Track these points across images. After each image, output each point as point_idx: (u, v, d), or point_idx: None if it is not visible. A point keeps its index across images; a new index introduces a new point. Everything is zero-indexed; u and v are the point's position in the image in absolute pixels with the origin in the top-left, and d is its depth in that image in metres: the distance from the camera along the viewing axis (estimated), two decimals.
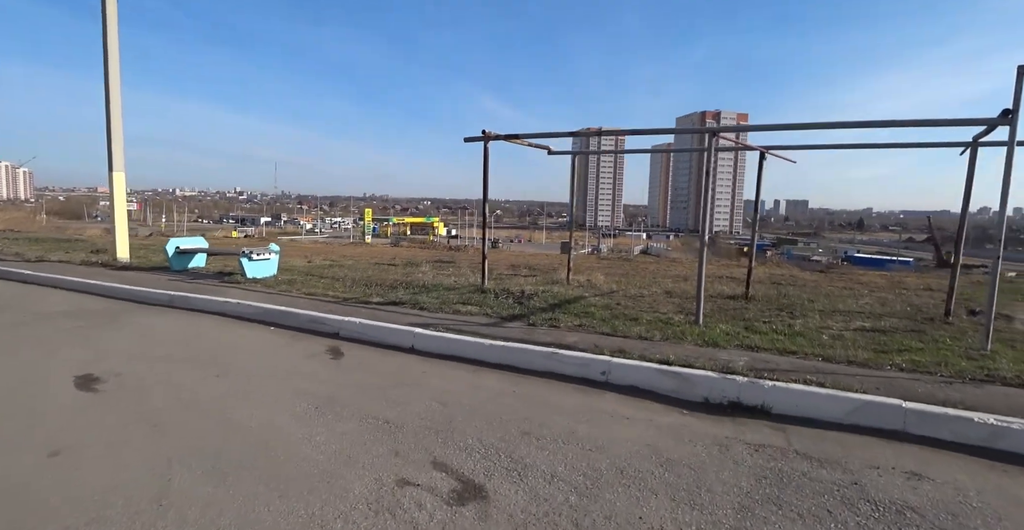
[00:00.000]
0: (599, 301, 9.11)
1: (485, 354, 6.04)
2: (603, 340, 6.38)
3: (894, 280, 18.23)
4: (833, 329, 7.49)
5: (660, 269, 18.61)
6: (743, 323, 7.61)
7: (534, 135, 9.23)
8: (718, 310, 8.79)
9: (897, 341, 6.71)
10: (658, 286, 11.71)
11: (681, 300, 9.73)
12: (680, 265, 21.04)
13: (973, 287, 16.42)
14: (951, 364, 5.49)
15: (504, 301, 8.73)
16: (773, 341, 6.41)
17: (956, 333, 7.37)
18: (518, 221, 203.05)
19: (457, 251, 25.62)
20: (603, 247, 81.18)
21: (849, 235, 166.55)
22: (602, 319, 7.59)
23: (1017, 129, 5.88)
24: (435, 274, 13.39)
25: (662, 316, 7.99)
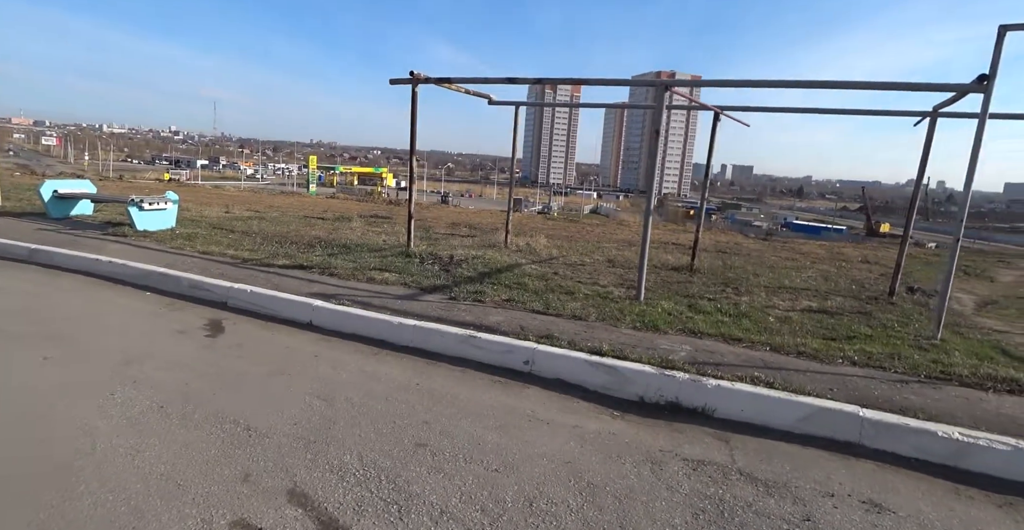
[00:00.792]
0: (535, 270, 8.33)
1: (392, 334, 5.17)
2: (532, 320, 5.61)
3: (833, 251, 18.34)
4: (779, 309, 7.01)
5: (606, 232, 18.03)
6: (687, 300, 7.02)
7: (470, 80, 8.12)
8: (661, 283, 8.19)
9: (846, 325, 6.27)
10: (601, 253, 11.04)
11: (623, 270, 9.08)
12: (627, 228, 20.56)
13: (908, 261, 16.70)
14: (905, 357, 5.03)
15: (429, 268, 7.81)
16: (718, 324, 5.81)
17: (902, 316, 7.03)
18: (470, 175, 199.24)
19: (398, 206, 24.22)
20: (554, 205, 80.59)
21: (789, 202, 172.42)
22: (535, 292, 6.82)
23: (992, 96, 5.30)
24: (364, 231, 12.27)
25: (601, 290, 7.30)
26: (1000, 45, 5.21)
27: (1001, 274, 15.31)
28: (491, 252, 9.60)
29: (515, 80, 7.37)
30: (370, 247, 9.64)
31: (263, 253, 8.39)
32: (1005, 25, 5.16)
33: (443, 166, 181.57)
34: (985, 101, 5.33)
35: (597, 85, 6.74)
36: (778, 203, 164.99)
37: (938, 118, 7.65)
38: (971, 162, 5.47)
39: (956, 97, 5.93)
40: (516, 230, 15.04)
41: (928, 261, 17.03)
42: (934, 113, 7.60)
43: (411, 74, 8.11)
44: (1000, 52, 5.22)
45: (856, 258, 15.94)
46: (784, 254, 15.60)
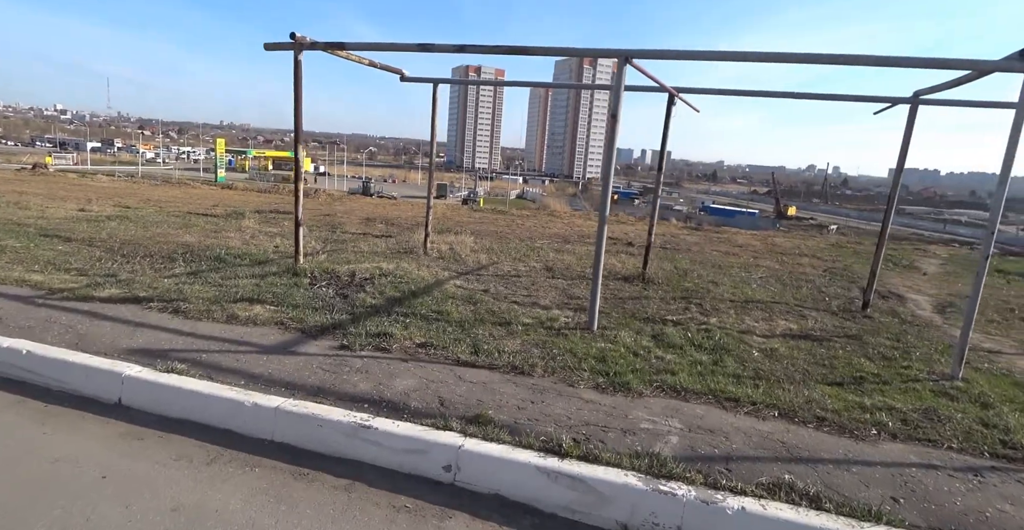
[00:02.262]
0: (462, 288, 6.71)
1: (245, 423, 3.41)
2: (456, 383, 4.00)
3: (768, 242, 17.87)
4: (757, 334, 5.80)
5: (538, 226, 16.62)
6: (649, 328, 5.65)
7: (373, 46, 6.30)
8: (613, 300, 6.81)
9: (843, 359, 5.12)
10: (537, 257, 9.56)
11: (566, 282, 7.64)
12: (559, 220, 19.27)
13: (836, 252, 16.48)
14: (945, 418, 3.87)
15: (321, 293, 5.99)
16: (701, 373, 4.46)
17: (893, 338, 6.01)
18: (393, 160, 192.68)
19: (306, 196, 21.59)
20: (480, 191, 78.71)
21: (705, 186, 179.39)
22: (461, 325, 5.21)
23: None
24: (254, 234, 10.14)
25: (545, 315, 5.81)
26: None
27: (925, 263, 15.26)
28: (407, 262, 7.86)
29: (430, 47, 5.64)
30: (253, 259, 7.64)
31: (92, 276, 6.23)
32: None
33: (364, 150, 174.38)
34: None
35: (531, 55, 5.18)
36: (695, 187, 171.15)
37: (918, 106, 6.67)
38: (1007, 155, 4.35)
39: (974, 76, 4.83)
40: (439, 226, 13.31)
41: (856, 252, 16.82)
42: (915, 99, 6.61)
43: (292, 37, 6.18)
44: None
45: (792, 250, 15.46)
46: (723, 248, 14.84)
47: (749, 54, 4.85)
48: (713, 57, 4.93)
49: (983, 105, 6.34)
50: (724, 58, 4.93)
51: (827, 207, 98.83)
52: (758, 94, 7.42)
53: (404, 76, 8.17)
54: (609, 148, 5.12)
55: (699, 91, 7.35)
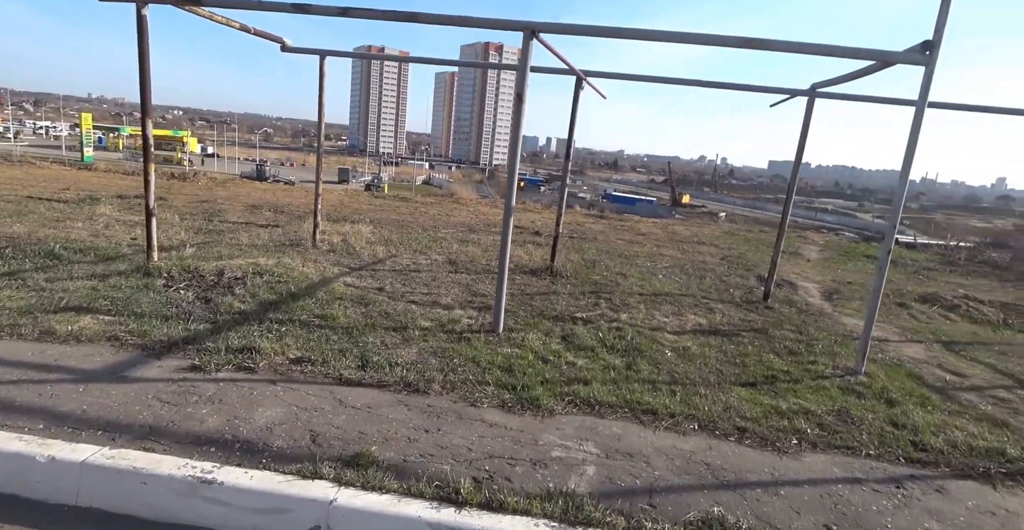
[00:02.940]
0: (353, 287, 5.96)
1: (36, 486, 2.56)
2: (334, 410, 3.34)
3: (668, 230, 18.34)
4: (668, 331, 5.58)
5: (442, 214, 15.91)
6: (559, 327, 5.25)
7: (237, 3, 5.30)
8: (520, 296, 6.36)
9: (753, 356, 4.99)
10: (440, 248, 8.92)
11: (470, 277, 7.08)
12: (464, 208, 18.64)
13: (730, 239, 17.22)
14: (857, 420, 3.76)
15: (177, 297, 5.02)
16: (615, 379, 4.09)
17: (796, 331, 6.04)
18: (291, 142, 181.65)
19: (184, 180, 19.34)
20: (384, 176, 75.99)
21: (607, 174, 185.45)
22: (348, 332, 4.51)
23: (935, 67, 4.15)
24: (108, 222, 8.67)
25: (445, 316, 5.23)
26: (947, 9, 4.03)
27: (807, 250, 16.27)
28: (291, 257, 6.94)
29: (307, 7, 4.80)
30: (99, 255, 6.40)
31: None
32: None
33: (259, 131, 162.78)
34: (927, 75, 4.16)
35: (424, 22, 4.51)
36: (597, 175, 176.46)
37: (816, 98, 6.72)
38: (908, 149, 4.32)
39: (876, 67, 4.77)
40: (336, 214, 12.26)
41: (747, 239, 17.65)
42: (812, 92, 6.65)
43: None
44: (947, 14, 4.05)
45: (691, 238, 15.91)
46: (627, 236, 14.96)
47: (659, 33, 4.49)
48: (624, 35, 4.53)
49: (881, 100, 6.49)
50: (635, 36, 4.54)
51: (716, 195, 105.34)
52: (664, 80, 7.21)
53: (286, 45, 7.16)
54: (515, 131, 4.60)
55: (606, 75, 7.00)
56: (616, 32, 4.48)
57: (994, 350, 6.47)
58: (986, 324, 8.09)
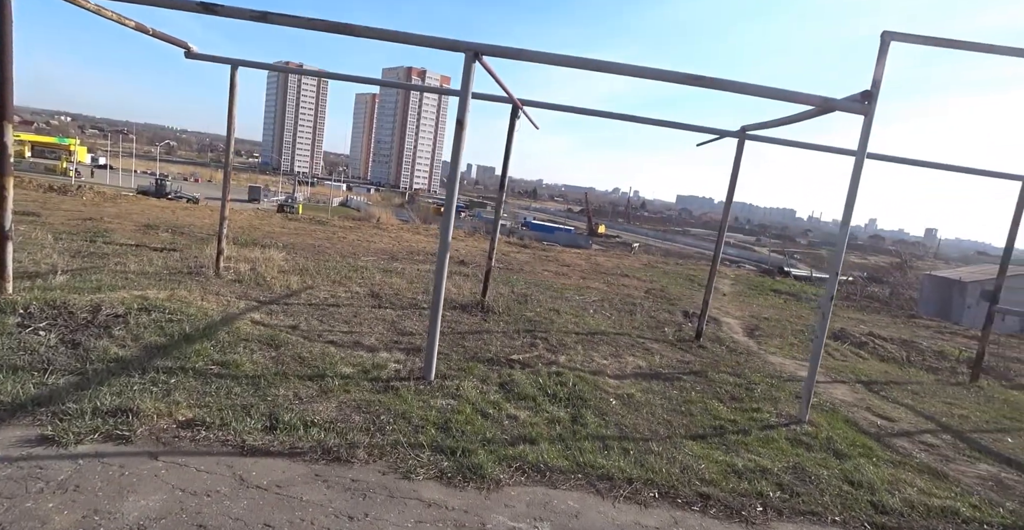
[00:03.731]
0: (262, 325, 5.22)
1: None
2: (232, 493, 2.71)
3: (591, 261, 18.53)
4: (609, 374, 5.30)
5: (363, 239, 15.12)
6: (495, 374, 4.81)
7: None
8: (451, 335, 5.88)
9: (698, 404, 4.79)
10: (361, 278, 8.26)
11: (396, 312, 6.52)
12: (386, 234, 17.92)
13: (648, 270, 17.62)
14: (816, 479, 3.59)
15: (34, 341, 4.09)
16: (563, 437, 3.71)
17: (735, 374, 5.96)
18: (197, 156, 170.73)
19: (65, 194, 17.16)
20: (299, 196, 72.82)
21: (526, 202, 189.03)
22: (254, 385, 3.84)
23: (874, 114, 4.23)
24: None
25: (370, 361, 4.66)
26: (884, 56, 4.13)
27: (721, 284, 16.90)
28: (188, 289, 6.07)
29: (215, 8, 4.20)
30: None
31: None
32: (889, 32, 4.10)
33: (161, 143, 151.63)
34: (867, 124, 4.23)
35: (357, 35, 4.06)
36: (516, 203, 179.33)
37: (745, 140, 6.87)
38: (849, 197, 4.34)
39: (815, 112, 4.83)
40: (245, 238, 11.22)
41: (666, 272, 18.15)
42: (742, 133, 6.80)
43: None
44: (884, 65, 4.14)
45: (614, 270, 16.09)
46: (553, 267, 14.86)
47: (609, 64, 4.31)
48: (572, 63, 4.29)
49: (812, 147, 6.71)
50: (583, 66, 4.31)
51: (630, 226, 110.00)
52: (601, 114, 7.13)
53: (190, 51, 6.42)
54: (455, 159, 4.20)
55: (543, 105, 6.83)
56: (564, 60, 4.24)
57: (907, 390, 6.72)
58: (892, 362, 8.52)
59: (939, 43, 4.00)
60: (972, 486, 3.92)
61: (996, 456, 4.72)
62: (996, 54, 4.01)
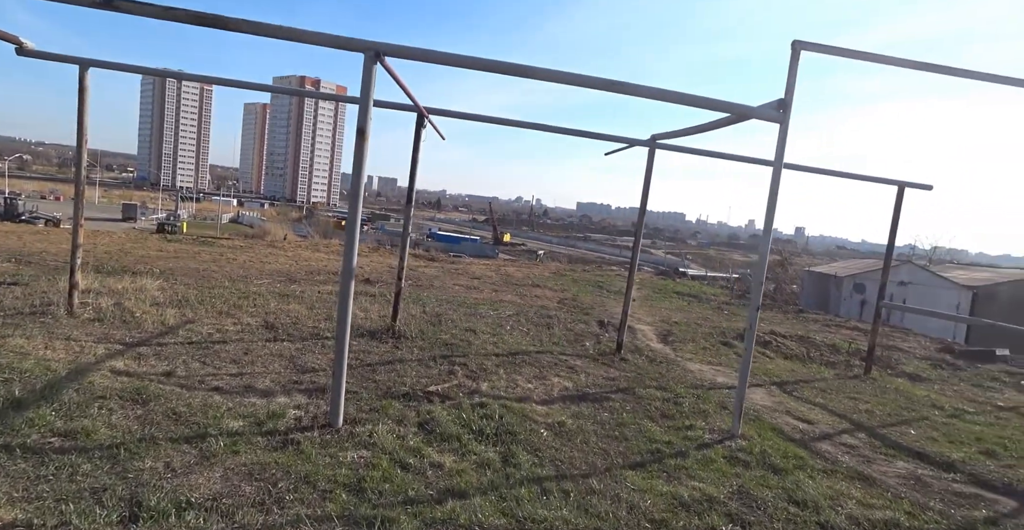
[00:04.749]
0: (126, 376, 4.36)
1: None
2: None
3: (501, 272, 18.28)
4: (536, 400, 4.95)
5: (255, 261, 13.85)
6: (413, 412, 4.30)
7: None
8: (359, 368, 5.29)
9: (632, 428, 4.56)
10: (253, 307, 7.37)
11: (294, 346, 5.79)
12: (282, 253, 16.63)
13: (558, 279, 17.68)
14: (759, 501, 3.41)
15: None
16: (495, 484, 3.29)
17: (656, 385, 5.84)
18: (57, 171, 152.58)
19: None
20: (183, 213, 67.00)
21: (430, 213, 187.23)
22: (111, 458, 3.07)
23: (789, 125, 4.23)
24: None
25: (262, 409, 3.99)
26: (795, 65, 4.13)
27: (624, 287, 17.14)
28: (25, 336, 5.00)
29: None
30: None
31: None
32: (800, 41, 4.11)
33: (11, 157, 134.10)
34: (783, 132, 4.22)
35: (234, 30, 3.45)
36: (421, 214, 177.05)
37: (656, 149, 6.86)
38: (769, 204, 4.31)
39: (730, 120, 4.80)
40: (111, 265, 9.79)
41: (575, 280, 18.28)
42: (653, 143, 6.78)
43: None
44: (795, 74, 4.15)
45: (525, 281, 15.93)
46: (463, 281, 14.44)
47: (526, 68, 4.00)
48: (484, 66, 3.92)
49: (734, 158, 6.78)
50: (494, 69, 3.96)
51: (534, 234, 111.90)
52: (511, 123, 6.85)
53: (24, 48, 5.37)
54: (358, 172, 3.68)
55: (452, 114, 6.42)
56: (476, 63, 3.86)
57: (815, 388, 6.97)
58: (795, 359, 8.91)
59: (845, 54, 4.06)
60: (898, 489, 3.96)
61: (907, 451, 4.88)
62: (894, 66, 4.15)
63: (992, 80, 4.51)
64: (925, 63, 4.16)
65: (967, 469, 4.55)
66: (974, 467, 4.61)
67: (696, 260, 74.46)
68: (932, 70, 4.24)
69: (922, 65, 4.17)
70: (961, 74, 4.34)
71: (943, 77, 4.40)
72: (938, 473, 4.42)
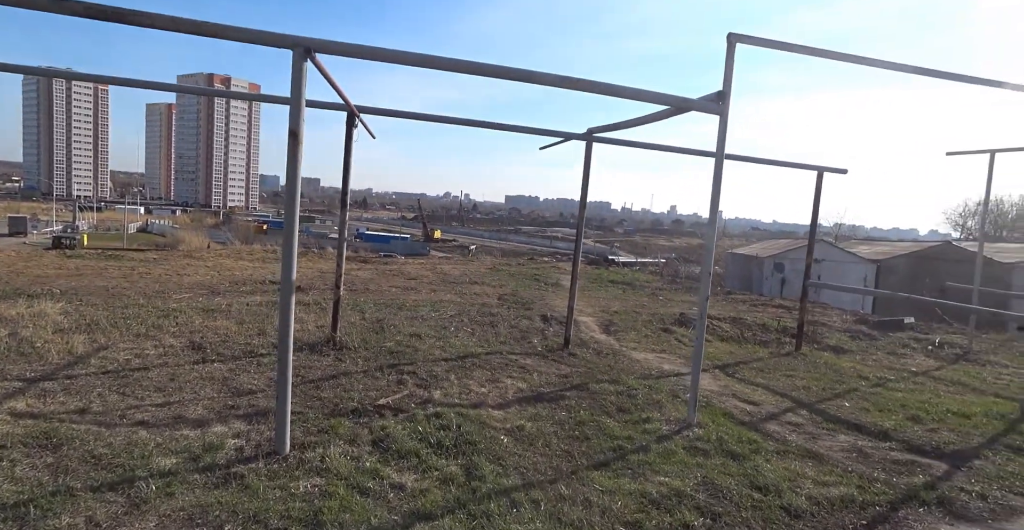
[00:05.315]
0: (29, 418, 3.85)
1: None
2: None
3: (437, 271, 17.99)
4: (493, 407, 4.83)
5: (172, 273, 12.87)
6: (366, 430, 4.07)
7: None
8: (302, 386, 4.96)
9: (592, 426, 4.52)
10: (175, 326, 6.79)
11: (226, 367, 5.36)
12: (201, 263, 15.59)
13: (495, 275, 17.62)
14: (732, 496, 3.46)
15: None
16: (462, 501, 3.14)
17: (608, 379, 5.86)
18: None
19: None
20: (83, 225, 61.62)
21: (357, 212, 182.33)
22: (17, 517, 2.68)
23: (728, 116, 4.30)
24: None
25: (196, 442, 3.64)
26: (732, 58, 4.20)
27: (565, 280, 17.40)
28: None
29: None
30: None
31: None
32: (735, 34, 4.17)
33: None
34: (722, 124, 4.28)
35: (132, 24, 3.05)
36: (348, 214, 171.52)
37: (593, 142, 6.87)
38: (713, 195, 4.37)
39: (670, 112, 4.81)
40: (2, 287, 8.76)
41: (512, 274, 18.31)
42: (589, 136, 6.78)
43: None
44: (732, 66, 4.22)
45: (462, 278, 15.74)
46: (399, 282, 14.08)
47: (466, 63, 3.82)
48: (418, 61, 3.71)
49: (673, 150, 6.86)
50: (428, 64, 3.74)
51: (464, 229, 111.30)
52: (447, 120, 6.64)
53: None
54: (292, 178, 3.39)
55: (385, 112, 6.13)
56: (410, 58, 3.65)
57: (754, 368, 7.25)
58: (732, 341, 9.26)
59: (779, 46, 4.16)
60: (845, 463, 4.14)
61: (846, 424, 5.14)
62: (824, 58, 4.30)
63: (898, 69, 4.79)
64: (849, 54, 4.34)
65: (900, 436, 4.84)
66: (905, 434, 4.91)
67: (624, 247, 76.60)
68: (853, 61, 4.43)
69: (846, 56, 4.35)
70: (879, 65, 4.56)
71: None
72: (876, 443, 4.67)
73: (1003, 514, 3.51)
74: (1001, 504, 3.62)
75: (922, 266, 18.37)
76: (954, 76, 5.02)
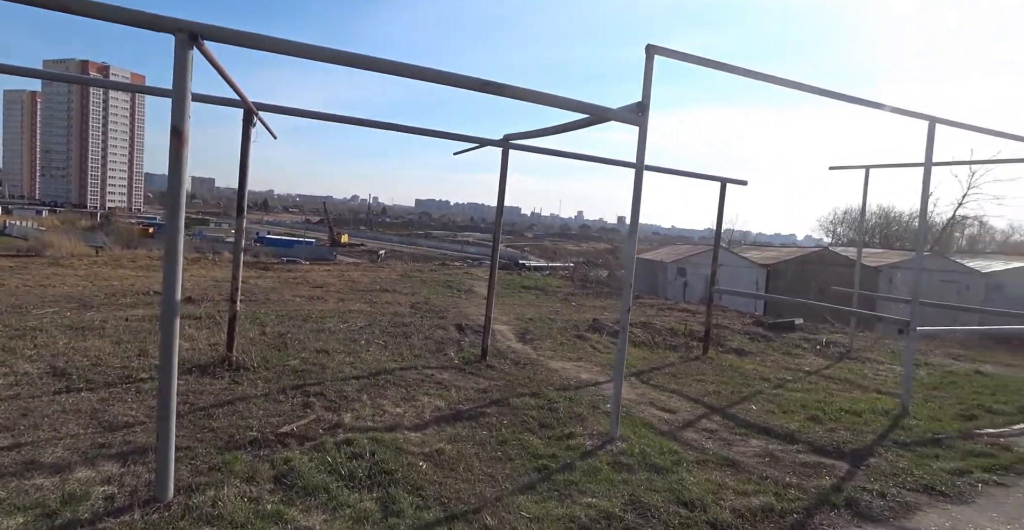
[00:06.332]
0: None
1: None
2: None
3: (345, 278, 17.19)
4: (409, 429, 4.52)
5: (33, 284, 11.27)
6: (266, 464, 3.64)
7: None
8: (190, 414, 4.39)
9: (514, 444, 4.34)
10: (33, 348, 5.85)
11: (96, 396, 4.65)
12: (71, 271, 13.86)
13: (406, 282, 17.15)
14: (660, 514, 3.39)
15: None
16: None
17: (528, 392, 5.72)
18: None
19: None
20: None
21: (257, 216, 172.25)
22: None
23: (648, 127, 4.30)
24: None
25: (53, 492, 3.06)
26: (651, 69, 4.20)
27: (478, 286, 17.27)
28: None
29: None
30: None
31: None
32: (653, 46, 4.18)
33: None
34: (642, 134, 4.26)
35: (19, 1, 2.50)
36: (247, 217, 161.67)
37: (509, 149, 6.74)
38: (634, 204, 4.34)
39: (589, 121, 4.74)
40: None
41: (424, 280, 17.90)
42: (506, 143, 6.65)
43: None
44: (651, 77, 4.22)
45: (372, 286, 15.15)
46: (304, 291, 13.27)
47: (383, 62, 3.51)
48: (319, 55, 3.35)
49: (593, 159, 6.82)
50: (330, 58, 3.41)
51: (373, 234, 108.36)
52: (357, 121, 6.23)
53: None
54: (176, 178, 2.92)
55: (289, 111, 5.63)
56: (310, 51, 3.29)
57: (667, 374, 7.41)
58: (644, 346, 9.48)
59: (695, 60, 4.22)
60: (761, 469, 4.24)
61: (756, 428, 5.32)
62: (740, 75, 4.41)
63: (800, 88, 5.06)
64: (756, 72, 4.50)
65: (804, 438, 5.07)
66: (808, 435, 5.16)
67: (534, 251, 77.86)
68: (761, 79, 4.60)
69: (754, 74, 4.51)
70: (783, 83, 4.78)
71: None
72: (785, 446, 4.85)
73: (901, 512, 3.71)
74: (898, 501, 3.83)
75: (806, 269, 20.03)
76: (843, 96, 5.38)
